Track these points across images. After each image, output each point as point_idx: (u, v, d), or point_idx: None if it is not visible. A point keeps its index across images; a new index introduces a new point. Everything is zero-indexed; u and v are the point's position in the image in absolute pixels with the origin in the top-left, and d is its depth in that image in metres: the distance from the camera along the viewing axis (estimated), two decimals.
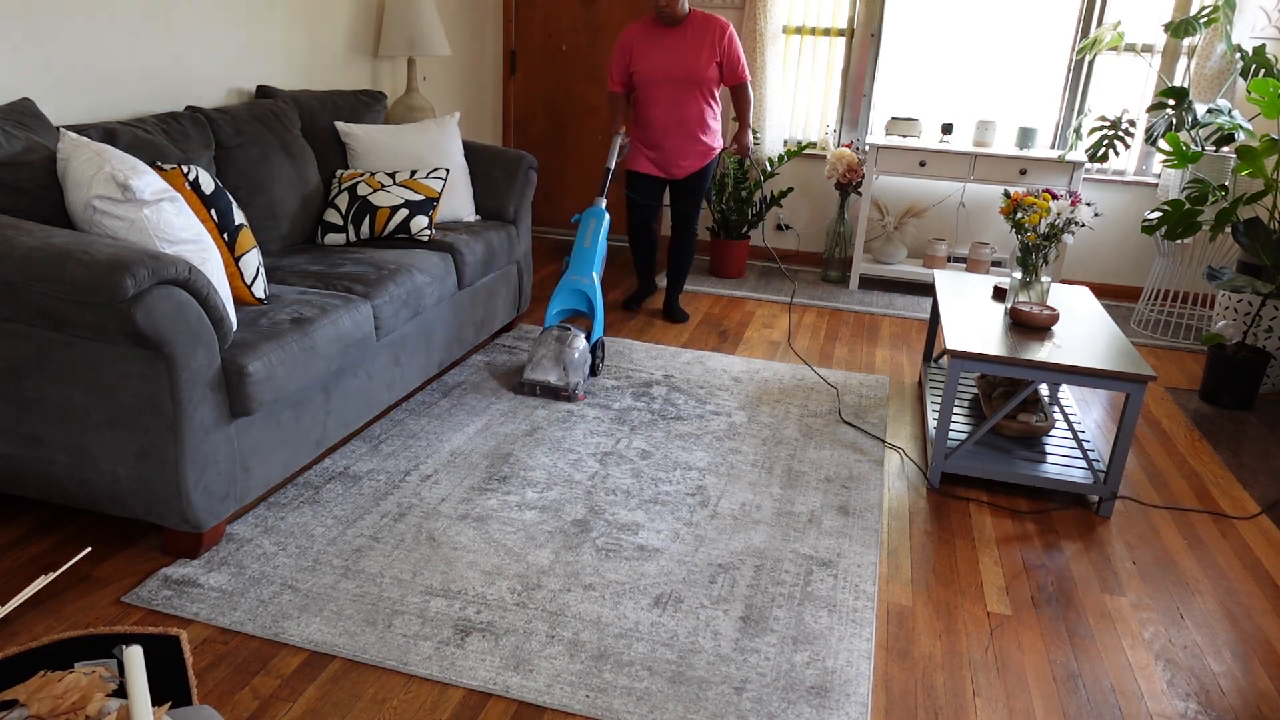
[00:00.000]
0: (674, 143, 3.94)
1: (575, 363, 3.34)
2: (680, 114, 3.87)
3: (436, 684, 1.92)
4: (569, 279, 3.55)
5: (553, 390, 3.30)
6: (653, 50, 3.80)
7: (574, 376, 3.33)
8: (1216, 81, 4.48)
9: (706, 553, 2.44)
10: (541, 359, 3.36)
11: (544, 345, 3.38)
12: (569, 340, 3.36)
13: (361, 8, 4.09)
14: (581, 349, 3.37)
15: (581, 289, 3.55)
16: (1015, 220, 3.17)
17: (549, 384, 3.31)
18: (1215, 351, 3.69)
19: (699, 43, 3.77)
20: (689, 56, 3.76)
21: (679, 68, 3.78)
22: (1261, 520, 2.81)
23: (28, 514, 2.45)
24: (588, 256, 3.58)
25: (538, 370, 3.35)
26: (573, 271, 3.57)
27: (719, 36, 3.78)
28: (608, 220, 3.68)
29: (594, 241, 3.60)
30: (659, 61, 3.79)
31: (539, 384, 3.32)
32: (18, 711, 1.17)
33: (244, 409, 2.23)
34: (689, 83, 3.80)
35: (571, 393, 3.29)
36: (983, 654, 2.12)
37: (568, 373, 3.32)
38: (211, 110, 3.01)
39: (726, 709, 1.88)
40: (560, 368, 3.32)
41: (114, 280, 1.93)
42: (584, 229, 3.64)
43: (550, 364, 3.34)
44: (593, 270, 3.57)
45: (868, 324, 4.52)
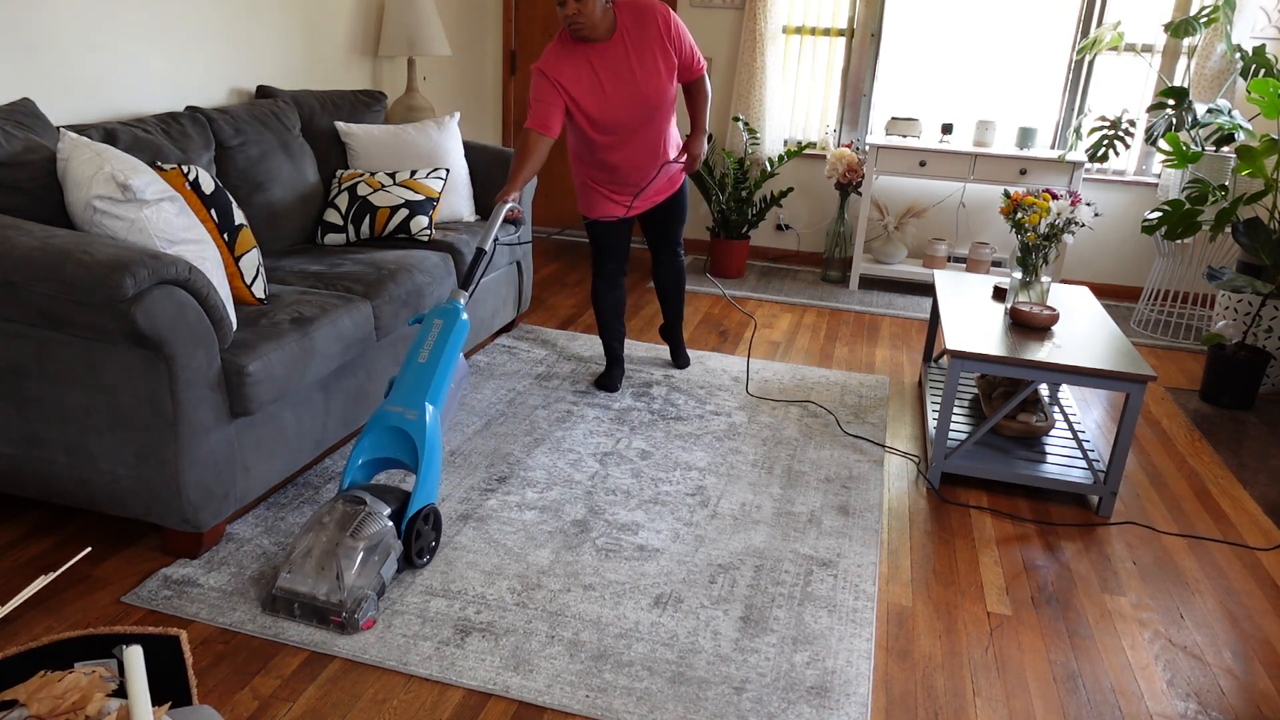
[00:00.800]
0: (646, 176, 3.15)
1: (361, 564, 2.07)
2: (649, 147, 3.08)
3: (436, 684, 1.92)
4: (385, 410, 2.30)
5: (318, 609, 2.05)
6: (599, 82, 2.86)
7: (357, 584, 2.05)
8: (1216, 81, 4.48)
9: (706, 553, 2.44)
10: (304, 556, 2.08)
11: (312, 530, 2.10)
12: (358, 522, 2.09)
13: (361, 8, 4.09)
14: (378, 536, 2.10)
15: (403, 426, 2.27)
16: (1015, 220, 3.18)
17: (312, 600, 2.05)
18: (1215, 351, 3.70)
19: (648, 51, 2.87)
20: (647, 75, 2.88)
21: (642, 99, 2.91)
22: (1260, 519, 2.81)
23: (28, 514, 2.45)
24: (421, 378, 2.32)
25: (295, 575, 2.08)
26: (394, 399, 2.31)
27: (663, 29, 2.88)
28: (465, 326, 2.43)
29: (436, 356, 2.35)
30: (614, 101, 2.89)
31: (298, 599, 2.06)
32: (18, 711, 1.17)
33: (244, 409, 2.23)
34: (654, 111, 2.97)
35: (349, 618, 2.02)
36: (983, 654, 2.12)
37: (343, 581, 2.04)
38: (211, 110, 3.01)
39: (726, 709, 1.88)
40: (332, 574, 2.04)
41: (114, 280, 1.93)
42: (422, 336, 2.40)
43: (318, 564, 2.07)
44: (427, 400, 2.30)
45: (868, 324, 4.52)
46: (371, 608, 2.07)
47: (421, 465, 2.24)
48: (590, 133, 2.99)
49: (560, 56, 2.85)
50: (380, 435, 2.30)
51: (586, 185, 3.21)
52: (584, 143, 3.05)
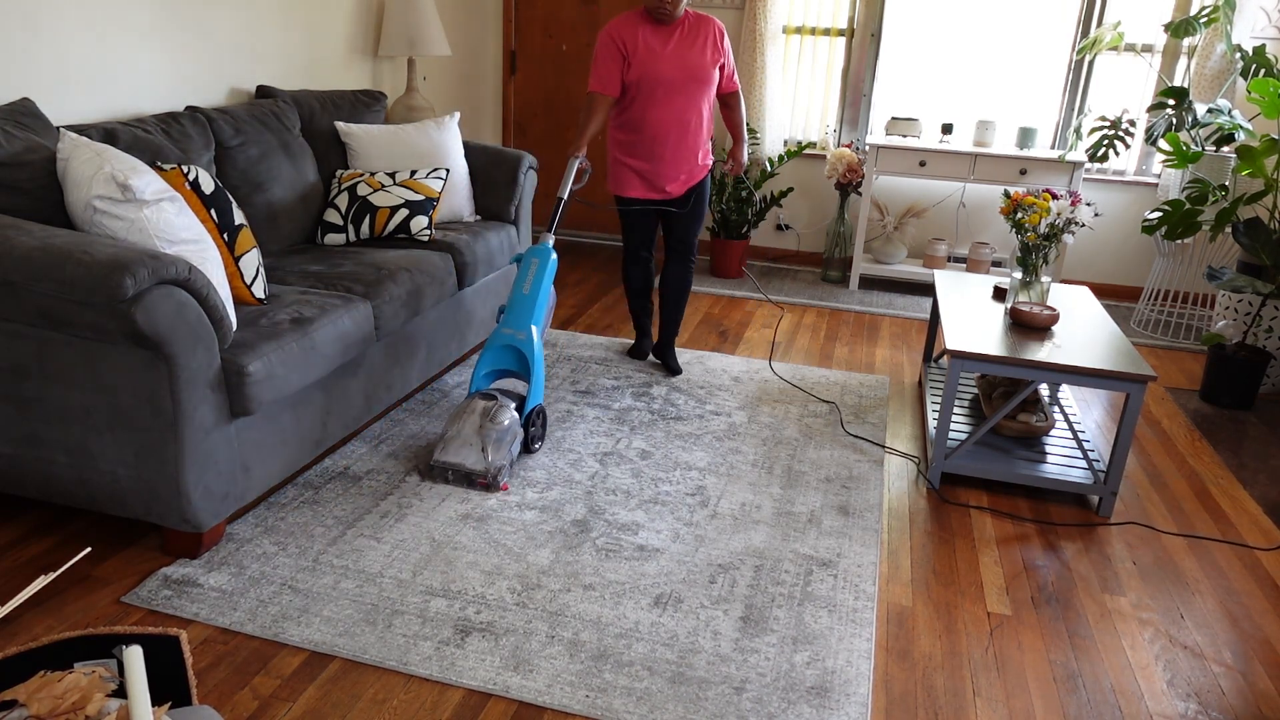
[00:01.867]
0: (672, 152, 3.43)
1: (498, 441, 2.70)
2: (683, 119, 3.42)
3: (436, 684, 1.92)
4: (500, 332, 2.91)
5: (467, 476, 2.68)
6: (654, 49, 3.35)
7: (496, 458, 2.68)
8: (1216, 81, 4.48)
9: (706, 553, 2.44)
10: (455, 436, 2.72)
11: (461, 418, 2.74)
12: (493, 412, 2.73)
13: (361, 8, 4.09)
14: (508, 424, 2.73)
15: (516, 344, 2.89)
16: (1015, 220, 3.18)
17: (463, 468, 2.67)
18: (1215, 351, 3.70)
19: (700, 43, 3.39)
20: (695, 55, 3.37)
21: (686, 68, 3.37)
22: (1260, 519, 2.81)
23: (28, 514, 2.45)
24: (526, 305, 2.93)
25: (450, 450, 2.70)
26: (506, 323, 2.93)
27: (718, 37, 3.43)
28: (554, 262, 3.05)
29: (536, 288, 2.96)
30: (664, 61, 3.34)
31: (450, 468, 2.69)
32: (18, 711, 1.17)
33: (244, 409, 2.23)
34: (696, 84, 3.39)
35: (491, 480, 2.66)
36: (983, 654, 2.12)
37: (488, 454, 2.67)
38: (211, 110, 3.01)
39: (726, 709, 1.88)
40: (478, 448, 2.68)
41: (114, 280, 1.93)
42: (523, 271, 2.99)
43: (466, 443, 2.69)
44: (532, 322, 2.92)
45: (868, 324, 4.52)
46: (506, 475, 2.71)
47: (532, 374, 2.89)
48: (637, 88, 3.37)
49: (628, 24, 3.36)
50: (497, 352, 2.94)
51: (616, 160, 3.50)
52: (628, 104, 3.41)
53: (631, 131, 3.42)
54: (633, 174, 3.46)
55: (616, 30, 3.36)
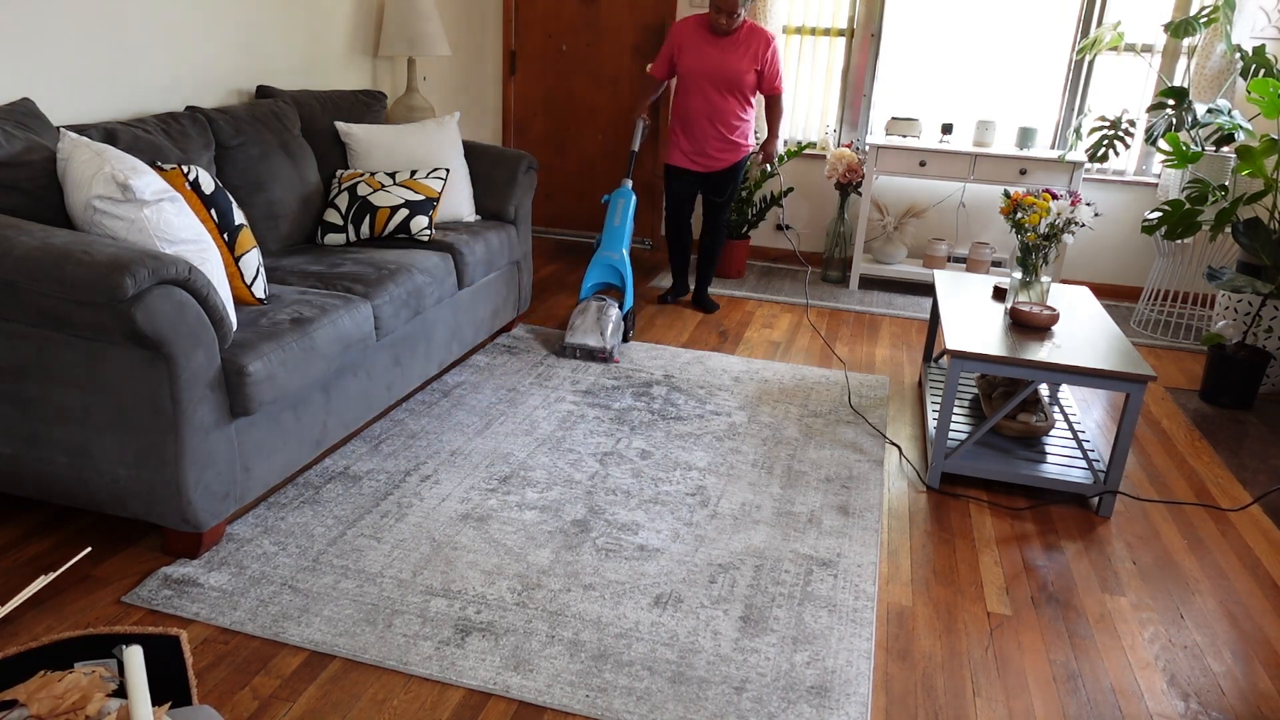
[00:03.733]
0: (703, 132, 4.16)
1: (612, 328, 3.74)
2: (713, 108, 4.11)
3: (436, 684, 1.92)
4: (602, 255, 3.93)
5: (591, 352, 3.70)
6: (700, 50, 4.06)
7: (611, 340, 3.71)
8: (1216, 81, 4.48)
9: (706, 553, 2.44)
10: (580, 326, 3.74)
11: (583, 314, 3.78)
12: (605, 310, 3.77)
13: (361, 8, 4.09)
14: (616, 317, 3.77)
15: (613, 264, 3.93)
16: (1015, 220, 3.17)
17: (588, 346, 3.70)
18: (1215, 351, 3.69)
19: (743, 51, 4.03)
20: (731, 62, 4.03)
21: (719, 71, 4.05)
22: (1260, 519, 2.81)
23: (28, 514, 2.45)
24: (617, 234, 3.94)
25: (577, 335, 3.72)
26: (605, 248, 3.94)
27: (762, 49, 4.05)
28: (634, 200, 4.02)
29: (623, 220, 3.96)
30: (703, 62, 4.06)
31: (579, 348, 3.71)
32: (18, 711, 1.17)
33: (244, 409, 2.23)
34: (727, 83, 4.06)
35: (609, 354, 3.70)
36: (983, 654, 2.12)
37: (605, 337, 3.70)
38: (211, 110, 3.01)
39: (726, 709, 1.88)
40: (598, 333, 3.70)
41: (114, 280, 1.93)
42: (613, 209, 3.98)
43: (589, 330, 3.72)
44: (622, 246, 3.93)
45: (868, 324, 4.52)
46: (617, 352, 3.78)
47: (627, 285, 3.96)
48: (680, 77, 4.17)
49: (689, 26, 4.12)
50: (600, 269, 3.96)
51: (671, 132, 4.30)
52: (678, 90, 4.22)
53: (679, 111, 4.24)
54: (676, 146, 4.28)
55: (679, 27, 4.15)
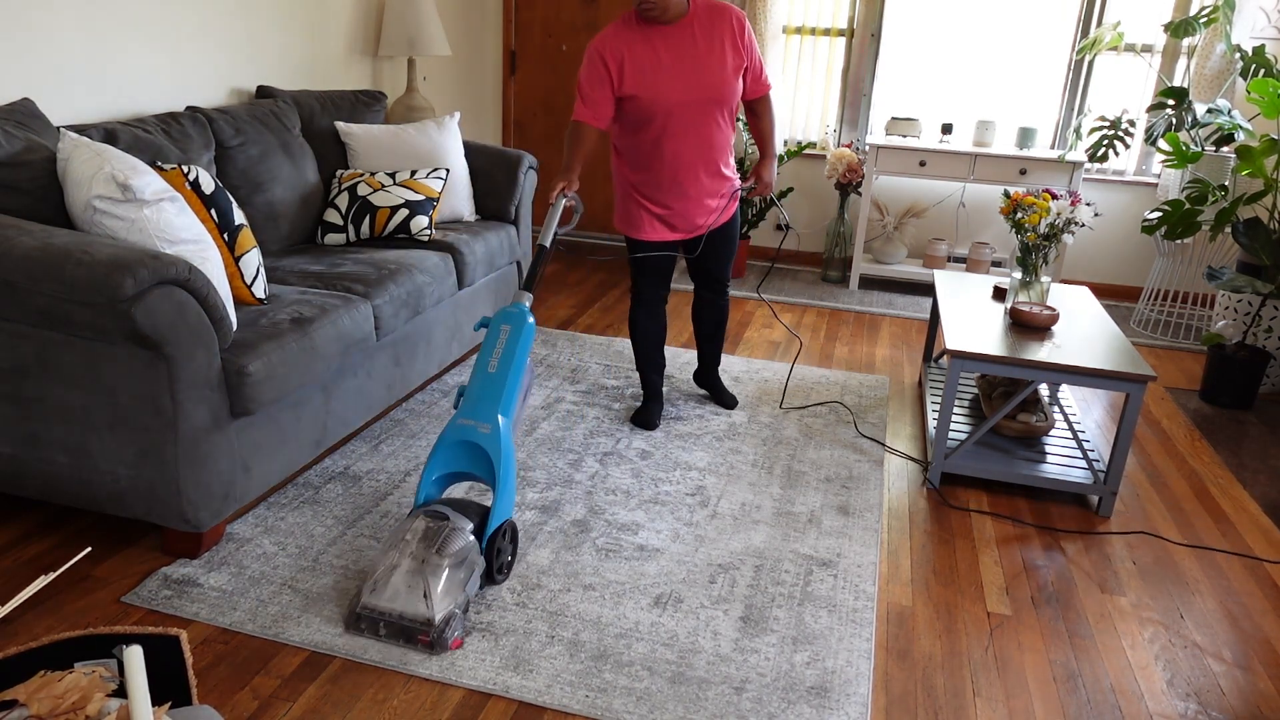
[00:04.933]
0: (698, 187, 2.85)
1: (448, 582, 2.02)
2: (704, 146, 2.80)
3: (436, 684, 1.92)
4: (457, 424, 2.23)
5: (404, 630, 2.00)
6: (658, 64, 2.68)
7: (444, 605, 2.01)
8: (1216, 81, 4.48)
9: (706, 553, 2.44)
10: (389, 572, 2.04)
11: (396, 546, 2.07)
12: (441, 538, 2.05)
13: (361, 8, 4.09)
14: (463, 553, 2.06)
15: (477, 440, 2.20)
16: (1015, 220, 3.17)
17: (400, 617, 2.00)
18: (1215, 351, 3.70)
19: (716, 42, 2.71)
20: (710, 66, 2.70)
21: (699, 86, 2.70)
22: (1260, 518, 2.81)
23: (28, 514, 2.45)
24: (492, 389, 2.25)
25: (382, 592, 2.03)
26: (464, 412, 2.24)
27: (738, 30, 2.74)
28: (532, 331, 2.36)
29: (506, 364, 2.28)
30: (671, 81, 2.68)
31: (382, 618, 2.02)
32: (18, 711, 1.17)
33: (244, 409, 2.23)
34: (717, 102, 2.74)
35: (436, 637, 1.98)
36: (983, 654, 2.12)
37: (431, 600, 1.99)
38: (211, 110, 3.01)
39: (726, 709, 1.88)
40: (420, 591, 2.00)
41: (114, 280, 1.93)
42: (490, 342, 2.32)
43: (404, 583, 2.02)
44: (497, 411, 2.22)
45: (868, 324, 4.52)
46: (459, 626, 2.02)
47: (498, 480, 2.18)
48: (641, 117, 2.75)
49: (618, 34, 2.69)
50: (453, 449, 2.23)
51: (628, 194, 2.91)
52: (632, 133, 2.80)
53: (643, 169, 2.84)
54: (648, 214, 2.91)
55: (604, 43, 2.68)
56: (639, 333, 3.12)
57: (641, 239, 2.94)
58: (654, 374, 3.20)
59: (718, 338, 3.30)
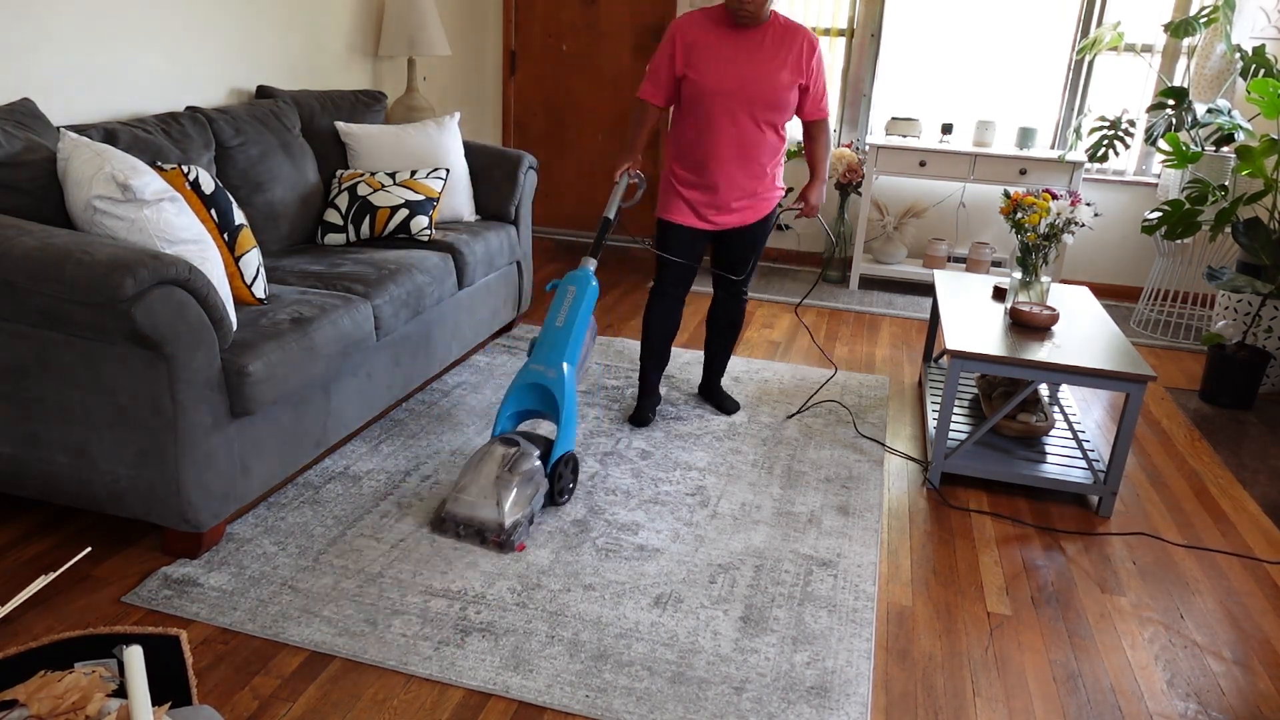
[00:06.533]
0: (728, 181, 2.92)
1: (517, 495, 2.38)
2: (743, 142, 2.87)
3: (436, 684, 1.92)
4: (529, 369, 2.58)
5: (480, 531, 2.36)
6: (720, 54, 2.80)
7: (513, 513, 2.35)
8: (1216, 81, 4.48)
9: (706, 553, 2.44)
10: (470, 485, 2.40)
11: (477, 465, 2.42)
12: (513, 459, 2.40)
13: (361, 8, 4.09)
14: (530, 473, 2.41)
15: (545, 383, 2.56)
16: (1015, 220, 3.18)
17: (475, 521, 2.36)
18: (1215, 351, 3.70)
19: (780, 56, 2.82)
20: (768, 71, 2.80)
21: (754, 83, 2.80)
22: (1260, 518, 2.81)
23: (28, 514, 2.45)
24: (559, 340, 2.59)
25: (462, 501, 2.39)
26: (535, 360, 2.59)
27: (806, 53, 2.84)
28: (595, 291, 2.67)
29: (571, 321, 2.60)
30: (728, 70, 2.79)
31: (462, 522, 2.38)
32: (18, 711, 1.17)
33: (244, 409, 2.23)
34: (763, 105, 2.83)
35: (505, 539, 2.33)
36: (983, 654, 2.12)
37: (502, 508, 2.34)
38: (211, 110, 3.01)
39: (726, 709, 1.88)
40: (494, 500, 2.35)
41: (114, 280, 1.93)
42: (559, 301, 2.64)
43: (481, 494, 2.37)
44: (563, 359, 2.57)
45: (868, 324, 4.52)
46: (524, 533, 2.38)
47: (562, 416, 2.54)
48: (691, 99, 2.86)
49: (697, 19, 2.86)
50: (525, 391, 2.61)
51: (667, 179, 3.03)
52: (681, 117, 2.94)
53: (684, 150, 2.95)
54: (681, 200, 2.99)
55: (680, 25, 2.84)
56: (650, 323, 3.15)
57: (669, 220, 3.02)
58: (654, 369, 3.22)
59: (727, 343, 3.28)
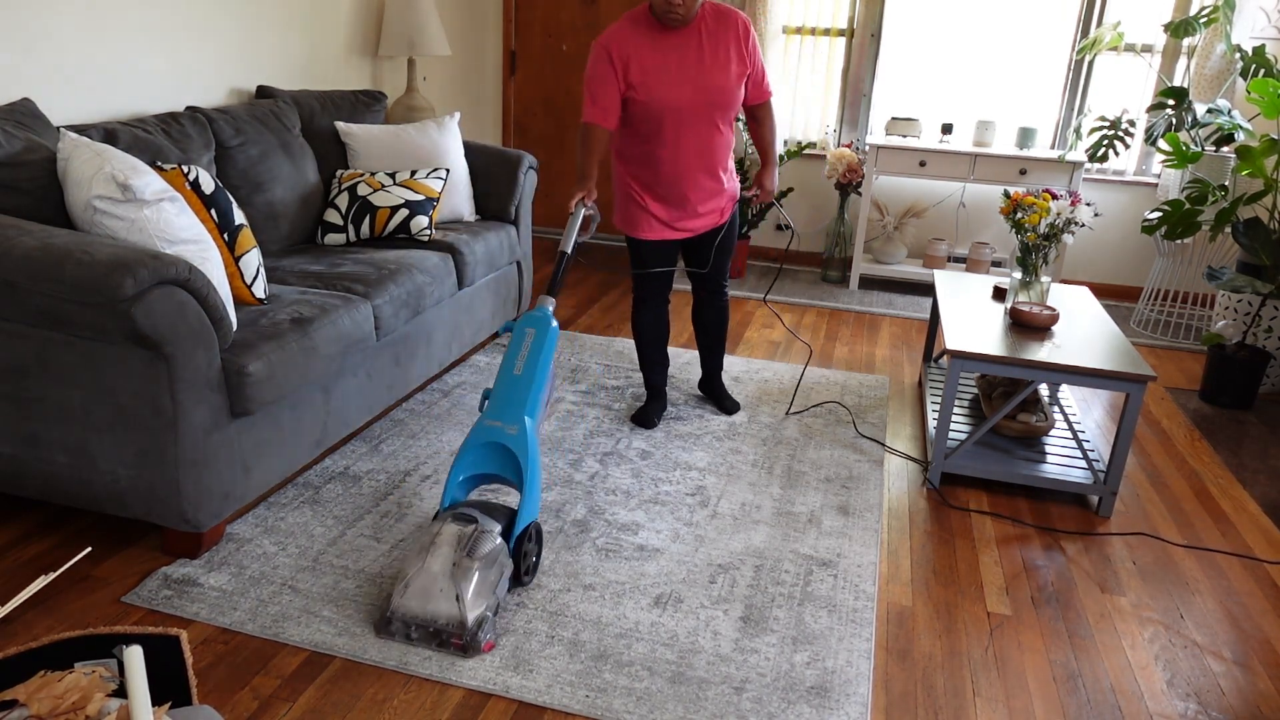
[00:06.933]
0: (697, 192, 2.88)
1: (479, 584, 2.01)
2: (704, 148, 2.82)
3: (436, 684, 1.92)
4: (484, 425, 2.24)
5: (436, 634, 2.00)
6: (665, 66, 2.70)
7: (475, 606, 2.00)
8: (1216, 81, 4.48)
9: (706, 553, 2.44)
10: (419, 576, 2.02)
11: (427, 551, 2.04)
12: (472, 541, 2.04)
13: (361, 8, 4.09)
14: (493, 555, 2.05)
15: (504, 441, 2.22)
16: (1015, 220, 3.18)
17: (430, 619, 2.00)
18: (1215, 351, 3.70)
19: (723, 50, 2.73)
20: (714, 72, 2.72)
21: (705, 90, 2.73)
22: (1260, 518, 2.81)
23: (28, 514, 2.45)
24: (518, 391, 2.27)
25: (412, 596, 2.02)
26: (491, 414, 2.25)
27: (743, 38, 2.76)
28: (555, 335, 2.38)
29: (531, 368, 2.29)
30: (675, 83, 2.70)
31: (413, 621, 2.01)
32: (18, 711, 1.17)
33: (244, 409, 2.23)
34: (720, 107, 2.77)
35: (470, 639, 1.98)
36: (983, 654, 2.12)
37: (463, 603, 1.99)
38: (211, 110, 3.01)
39: (726, 709, 1.88)
40: (451, 593, 1.99)
41: (114, 280, 1.93)
42: (515, 346, 2.34)
43: (434, 587, 2.01)
44: (524, 414, 2.24)
45: (868, 324, 4.52)
46: (490, 628, 2.02)
47: (525, 480, 2.19)
48: (642, 118, 2.77)
49: (624, 32, 2.70)
50: (480, 451, 2.24)
51: (628, 195, 2.93)
52: (633, 134, 2.84)
53: (643, 170, 2.87)
54: (648, 215, 2.93)
55: (611, 42, 2.69)
56: (641, 332, 3.14)
57: (640, 238, 2.96)
58: (656, 374, 3.22)
59: (718, 340, 3.28)
